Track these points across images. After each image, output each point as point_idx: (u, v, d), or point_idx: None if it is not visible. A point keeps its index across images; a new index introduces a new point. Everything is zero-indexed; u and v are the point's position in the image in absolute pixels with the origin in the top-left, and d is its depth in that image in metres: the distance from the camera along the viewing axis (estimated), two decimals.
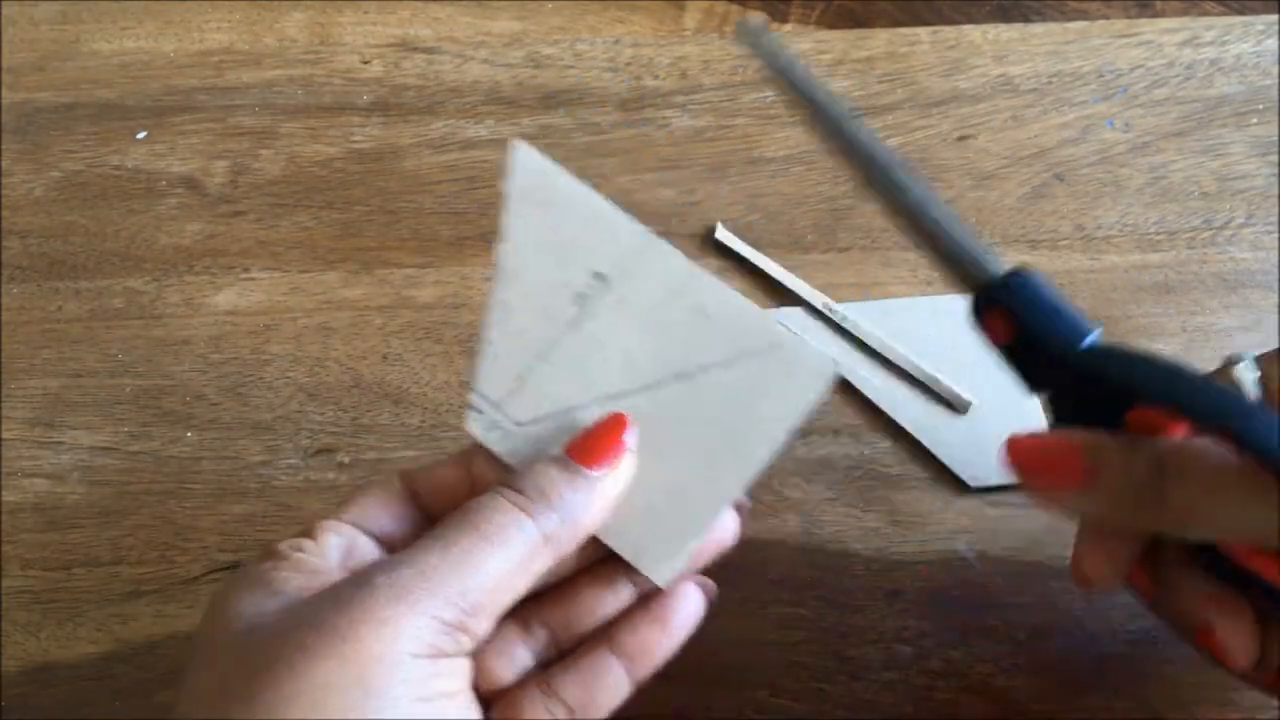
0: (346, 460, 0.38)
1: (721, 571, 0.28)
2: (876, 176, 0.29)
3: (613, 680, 0.28)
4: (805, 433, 0.39)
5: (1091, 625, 0.35)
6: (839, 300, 0.41)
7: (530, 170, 0.28)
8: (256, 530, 0.37)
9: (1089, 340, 0.26)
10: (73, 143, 0.46)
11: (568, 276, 0.27)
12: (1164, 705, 0.33)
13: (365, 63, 0.48)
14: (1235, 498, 0.23)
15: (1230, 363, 0.29)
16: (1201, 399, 0.24)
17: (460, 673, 0.24)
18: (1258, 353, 0.29)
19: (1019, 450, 0.26)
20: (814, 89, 0.29)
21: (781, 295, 0.42)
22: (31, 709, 0.34)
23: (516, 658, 0.28)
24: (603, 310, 0.27)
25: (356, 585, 0.23)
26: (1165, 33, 0.48)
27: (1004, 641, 0.34)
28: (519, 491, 0.25)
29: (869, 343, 0.40)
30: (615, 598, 0.29)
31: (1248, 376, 0.28)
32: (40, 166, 0.46)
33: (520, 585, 0.25)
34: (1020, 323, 0.27)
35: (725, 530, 0.29)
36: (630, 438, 0.27)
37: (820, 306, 0.41)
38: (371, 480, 0.28)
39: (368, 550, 0.27)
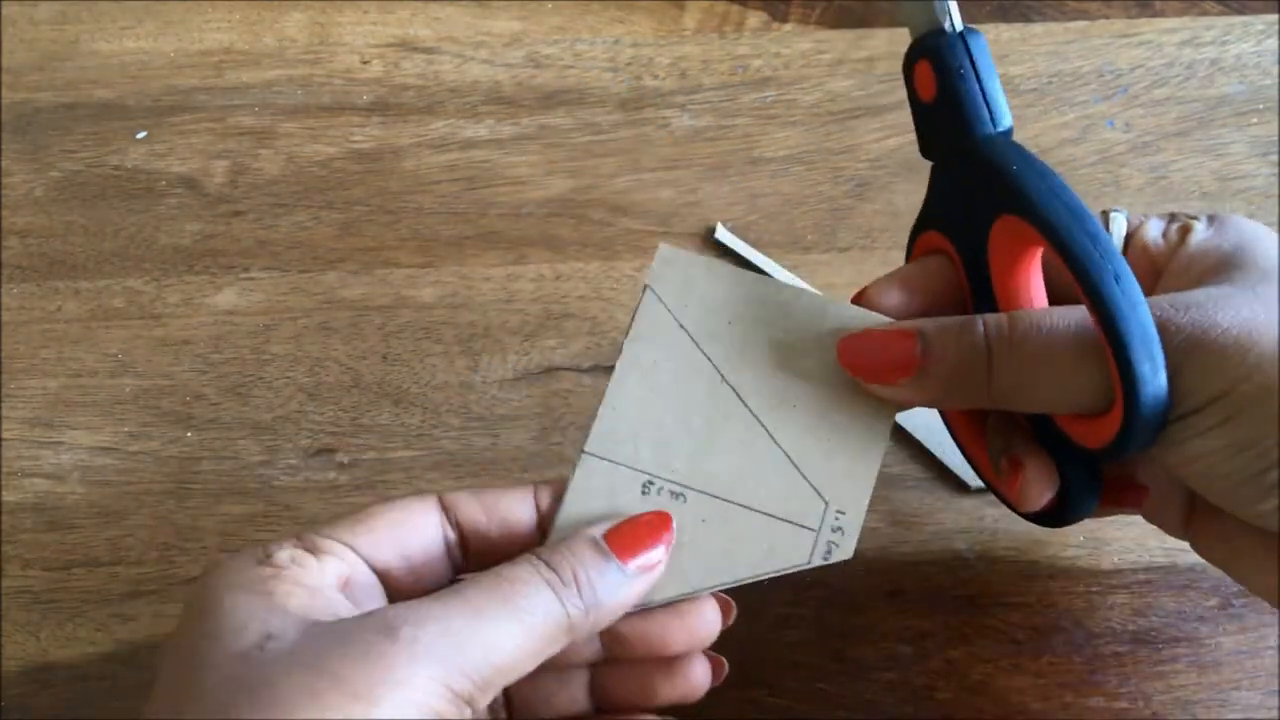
0: (346, 460, 0.38)
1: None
2: None
3: None
4: None
5: (1091, 625, 0.35)
6: (839, 300, 0.41)
7: (653, 314, 0.29)
8: (256, 530, 0.37)
9: (1000, 128, 0.26)
10: (72, 143, 0.46)
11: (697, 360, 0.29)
12: (1164, 705, 0.33)
13: (365, 63, 0.48)
14: (1057, 374, 0.24)
15: (1105, 212, 0.30)
16: (1067, 226, 0.24)
17: None
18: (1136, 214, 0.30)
19: (850, 348, 0.27)
20: None
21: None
22: (31, 709, 0.34)
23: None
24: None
25: (376, 631, 0.22)
26: (1165, 33, 0.48)
27: (1004, 641, 0.35)
28: (552, 569, 0.25)
29: None
30: (569, 697, 0.28)
31: (1116, 227, 0.29)
32: (40, 166, 0.46)
33: (531, 666, 0.24)
34: (943, 83, 0.27)
35: (709, 616, 0.28)
36: (670, 541, 0.27)
37: None
38: (395, 499, 0.27)
39: (368, 584, 0.26)
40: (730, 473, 0.28)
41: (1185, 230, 0.28)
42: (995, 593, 0.35)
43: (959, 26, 0.27)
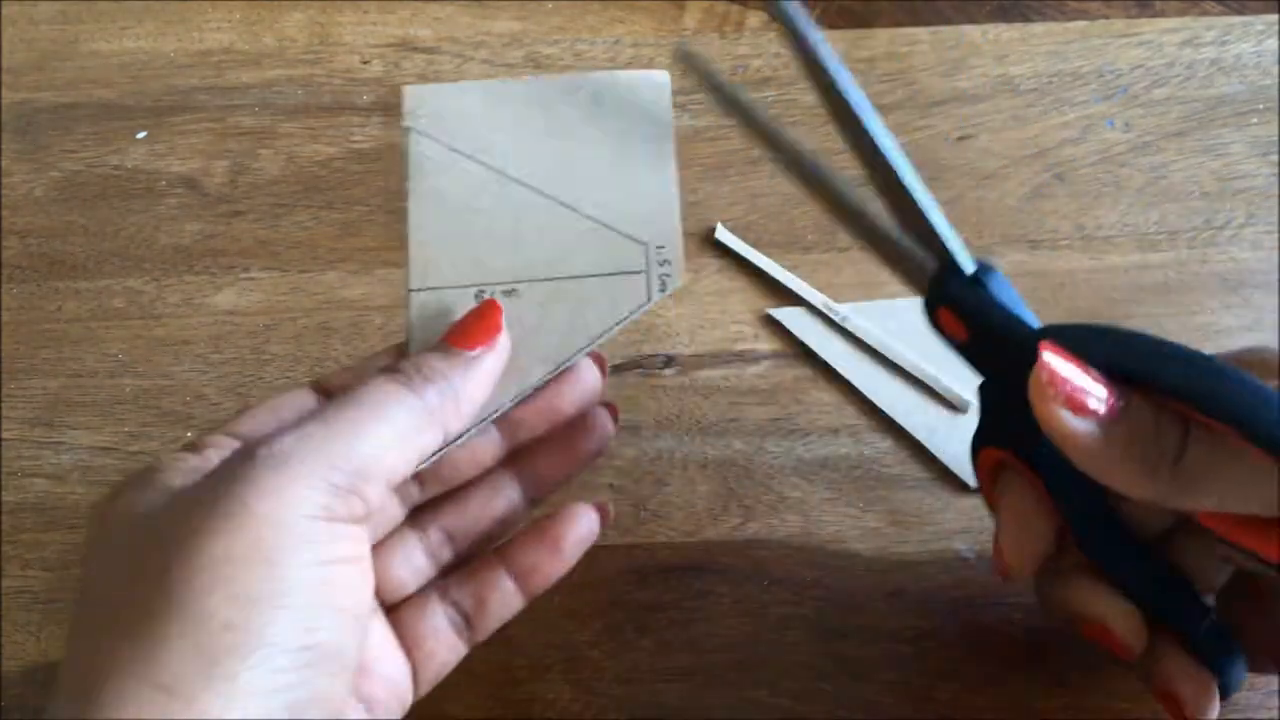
0: None
1: (721, 571, 0.28)
2: (818, 177, 0.29)
3: (505, 594, 0.29)
4: (805, 432, 0.39)
5: None
6: (839, 300, 0.41)
7: (421, 149, 0.31)
8: None
9: (1038, 327, 0.26)
10: (73, 143, 0.46)
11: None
12: None
13: (365, 63, 0.48)
14: (1247, 470, 0.23)
15: None
16: (1193, 376, 0.22)
17: (358, 539, 0.24)
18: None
19: (1053, 362, 0.24)
20: (745, 100, 0.29)
21: (781, 295, 0.42)
22: (31, 709, 0.34)
23: (414, 561, 0.29)
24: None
25: (235, 461, 0.23)
26: (1165, 33, 0.48)
27: (1004, 641, 0.34)
28: (398, 371, 0.26)
29: (869, 342, 0.40)
30: (504, 498, 0.30)
31: None
32: (40, 166, 0.46)
33: (409, 456, 0.25)
34: (974, 325, 0.26)
35: (586, 375, 0.30)
36: (500, 318, 0.28)
37: (820, 306, 0.41)
38: (273, 394, 0.29)
39: None
40: (549, 255, 0.29)
41: None
42: (995, 593, 0.35)
43: (971, 267, 0.27)
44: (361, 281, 0.42)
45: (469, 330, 0.27)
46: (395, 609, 0.29)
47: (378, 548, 0.28)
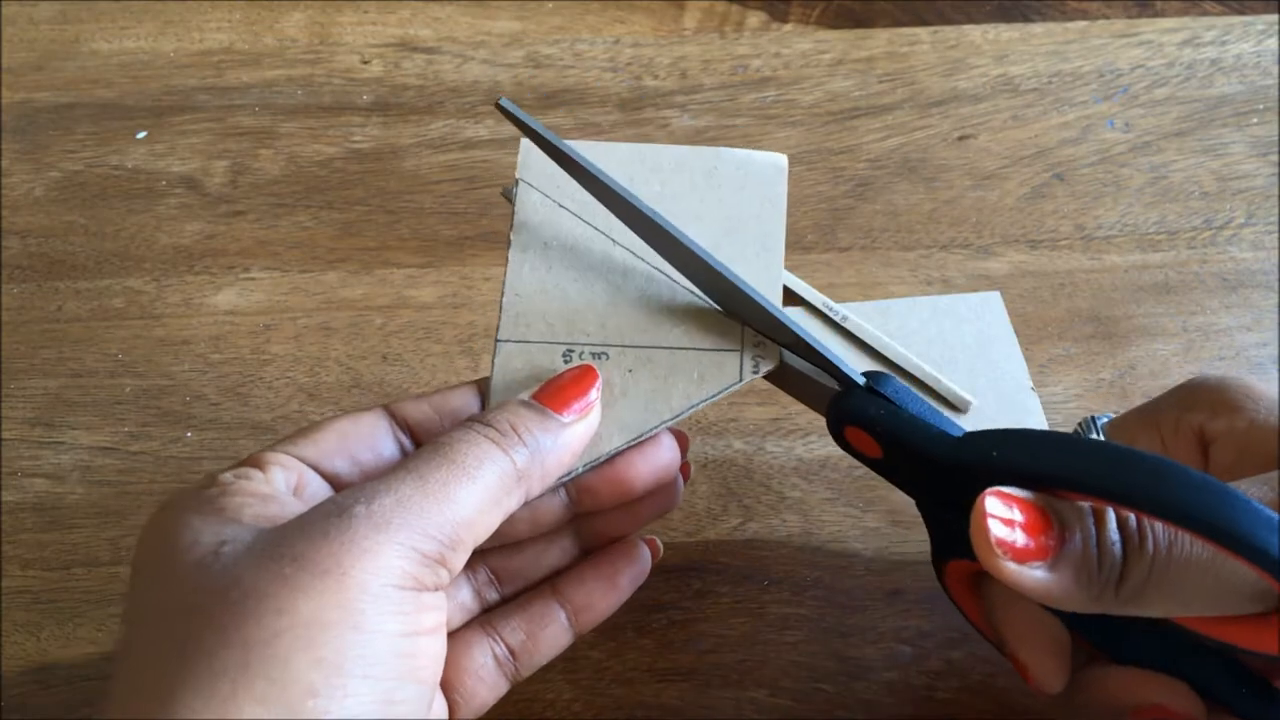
0: None
1: (721, 571, 0.28)
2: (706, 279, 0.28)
3: (556, 629, 0.28)
4: (805, 433, 0.39)
5: None
6: (839, 300, 0.41)
7: (529, 201, 0.31)
8: None
9: (956, 434, 0.25)
10: (73, 143, 0.46)
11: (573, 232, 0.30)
12: None
13: (365, 63, 0.48)
14: (1199, 571, 0.22)
15: (1082, 426, 0.28)
16: (1122, 480, 0.22)
17: (439, 607, 0.23)
18: (1107, 416, 0.29)
19: (998, 515, 0.23)
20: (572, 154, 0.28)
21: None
22: (31, 709, 0.34)
23: (460, 597, 0.28)
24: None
25: (332, 514, 0.22)
26: (1165, 33, 0.48)
27: None
28: (490, 424, 0.25)
29: (869, 342, 0.40)
30: (560, 550, 0.29)
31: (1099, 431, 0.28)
32: (40, 166, 0.46)
33: (493, 521, 0.24)
34: (885, 438, 0.26)
35: (665, 453, 0.28)
36: (597, 386, 0.27)
37: (820, 306, 0.41)
38: (339, 414, 0.28)
39: (319, 490, 0.26)
40: (643, 322, 0.29)
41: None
42: None
43: (861, 380, 0.27)
44: (361, 281, 0.42)
45: (564, 393, 0.26)
46: None
47: None
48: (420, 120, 0.47)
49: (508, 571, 0.29)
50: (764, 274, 0.29)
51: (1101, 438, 0.28)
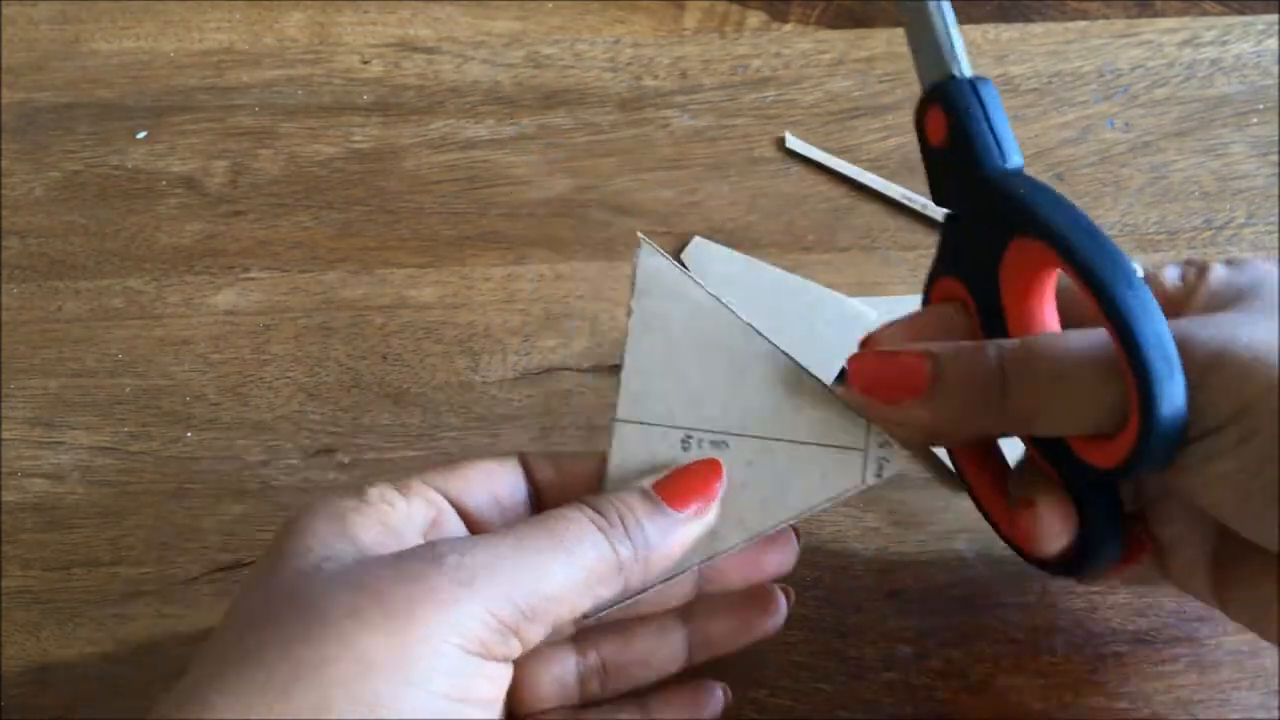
0: (346, 460, 0.38)
1: None
2: None
3: None
4: None
5: (1091, 625, 0.35)
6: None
7: (652, 270, 0.28)
8: (256, 530, 0.37)
9: (1010, 166, 0.26)
10: (73, 143, 0.46)
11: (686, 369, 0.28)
12: (1164, 705, 0.33)
13: (365, 63, 0.48)
14: (1073, 391, 0.24)
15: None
16: (1080, 240, 0.23)
17: (500, 679, 0.23)
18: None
19: (860, 368, 0.26)
20: None
21: (858, 191, 0.43)
22: (31, 709, 0.34)
23: (564, 679, 0.28)
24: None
25: (424, 559, 0.22)
26: (1165, 33, 0.48)
27: (1004, 641, 0.34)
28: (599, 512, 0.25)
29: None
30: (670, 646, 0.29)
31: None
32: (40, 166, 0.46)
33: (582, 604, 0.24)
34: (954, 125, 0.27)
35: (785, 559, 0.29)
36: (721, 486, 0.27)
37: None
38: (483, 455, 0.28)
39: (455, 527, 0.26)
40: (767, 411, 0.27)
41: (1203, 270, 0.27)
42: (995, 593, 0.35)
43: (969, 73, 0.27)
44: (361, 281, 0.42)
45: (684, 489, 0.26)
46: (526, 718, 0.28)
47: (535, 651, 0.25)
48: (420, 120, 0.47)
49: (616, 665, 0.29)
50: None
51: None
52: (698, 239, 0.42)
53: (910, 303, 0.41)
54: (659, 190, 0.44)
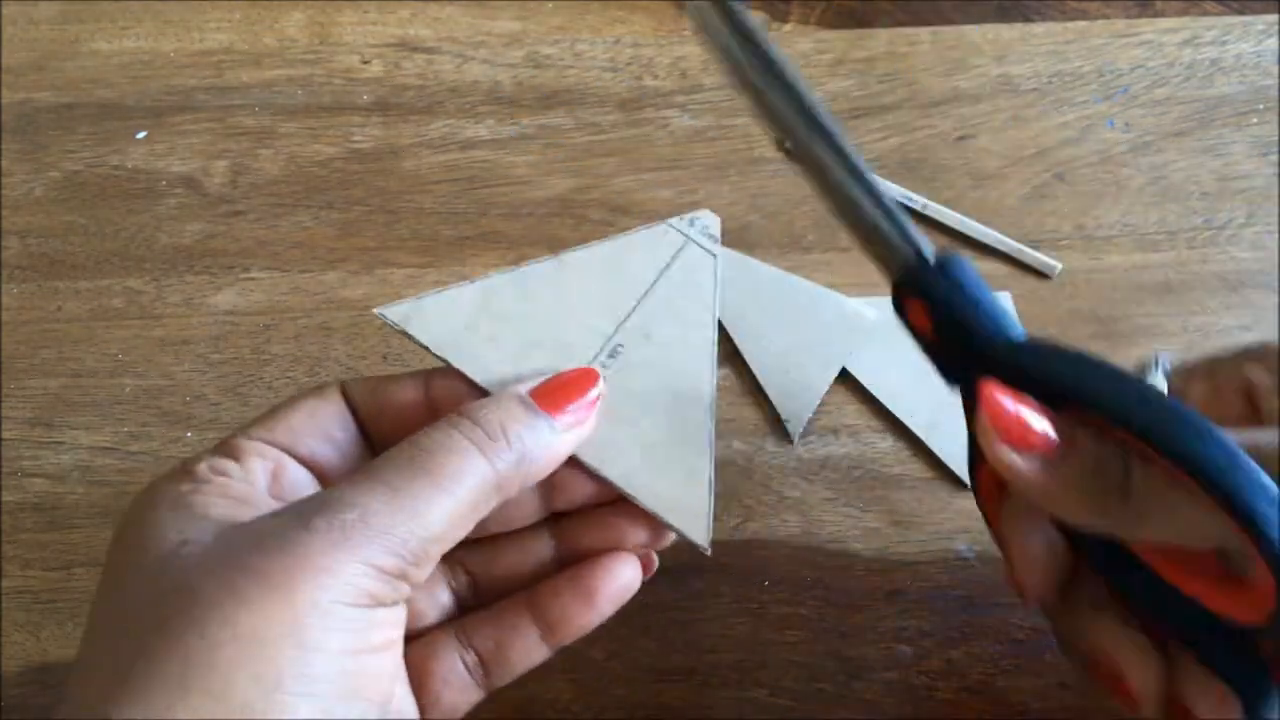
0: None
1: (721, 571, 0.28)
2: (811, 147, 0.26)
3: (528, 643, 0.27)
4: (805, 433, 0.39)
5: None
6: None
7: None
8: None
9: (1017, 334, 0.25)
10: (73, 143, 0.46)
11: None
12: None
13: (365, 63, 0.48)
14: (1195, 507, 0.22)
15: (1142, 365, 0.28)
16: (1149, 411, 0.22)
17: (395, 622, 0.23)
18: (1168, 354, 0.28)
19: (995, 401, 0.24)
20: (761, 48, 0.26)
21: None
22: (31, 709, 0.34)
23: (437, 595, 0.27)
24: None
25: (292, 526, 0.21)
26: (1165, 32, 0.48)
27: (1004, 641, 0.34)
28: (476, 424, 0.24)
29: (953, 225, 0.40)
30: (536, 555, 0.28)
31: (1159, 373, 0.28)
32: (40, 166, 0.46)
33: (465, 531, 0.23)
34: (941, 317, 0.25)
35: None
36: (596, 391, 0.26)
37: (900, 196, 0.41)
38: (302, 393, 0.27)
39: (297, 476, 0.26)
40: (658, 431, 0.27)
41: None
42: (995, 593, 0.35)
43: (933, 257, 0.26)
44: (361, 281, 0.42)
45: (563, 395, 0.25)
46: (410, 640, 0.26)
47: None
48: (420, 120, 0.47)
49: (486, 576, 0.28)
50: None
51: (1163, 376, 0.28)
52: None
53: None
54: (659, 190, 0.44)
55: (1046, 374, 0.24)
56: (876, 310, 0.41)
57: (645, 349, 0.28)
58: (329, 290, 0.42)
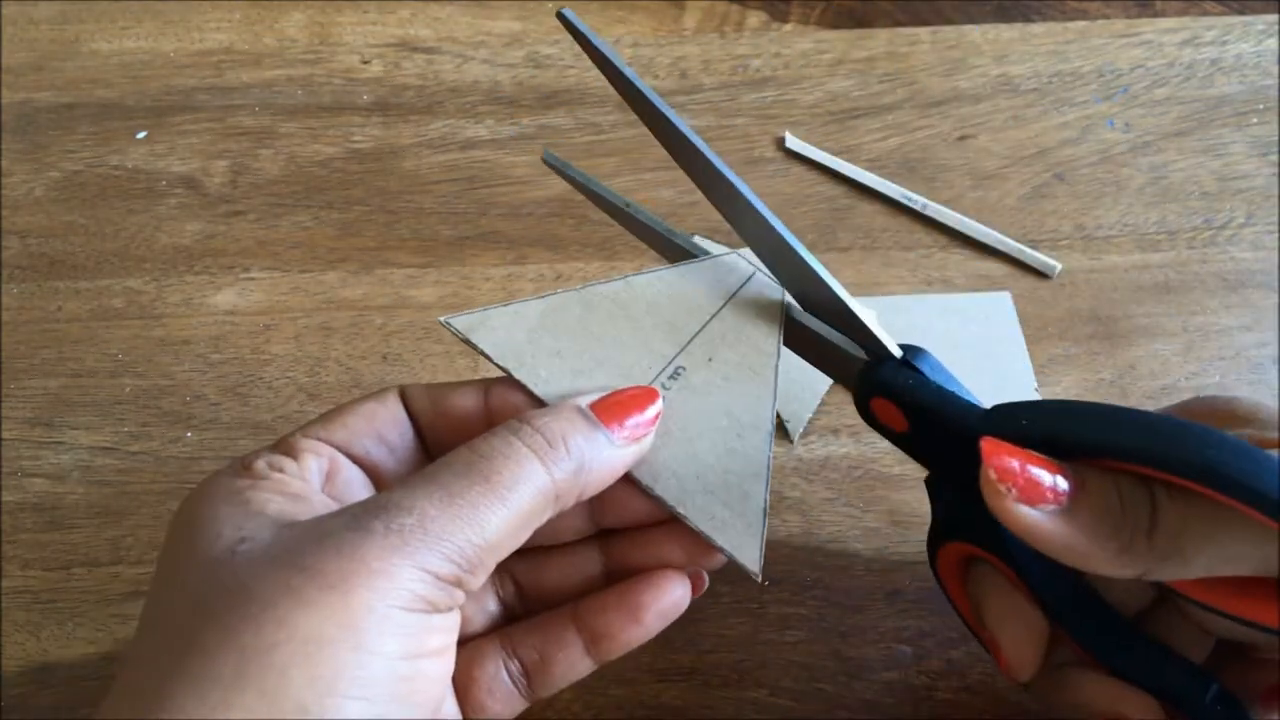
0: None
1: (721, 571, 0.28)
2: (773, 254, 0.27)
3: (572, 654, 0.27)
4: (805, 433, 0.39)
5: None
6: None
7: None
8: None
9: (983, 407, 0.25)
10: (73, 143, 0.46)
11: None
12: None
13: (365, 63, 0.48)
14: (1232, 527, 0.21)
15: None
16: (1158, 439, 0.21)
17: (448, 629, 0.23)
18: None
19: (999, 456, 0.22)
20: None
21: (858, 191, 0.43)
22: (31, 709, 0.34)
23: (487, 605, 0.28)
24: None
25: (350, 528, 0.21)
26: (1165, 32, 0.48)
27: None
28: (537, 431, 0.24)
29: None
30: (582, 569, 0.28)
31: None
32: (40, 166, 0.46)
33: (520, 540, 0.23)
34: (914, 413, 0.25)
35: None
36: (656, 409, 0.26)
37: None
38: (363, 396, 0.28)
39: (351, 476, 0.26)
40: (713, 462, 0.28)
41: None
42: None
43: (898, 352, 0.26)
44: (361, 281, 0.42)
45: (619, 410, 0.25)
46: (456, 647, 0.26)
47: None
48: (420, 120, 0.47)
49: (533, 586, 0.28)
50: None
51: None
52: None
53: (910, 302, 0.41)
54: (659, 190, 0.44)
55: (1046, 430, 0.23)
56: (876, 310, 0.41)
57: (706, 372, 0.28)
58: (329, 290, 0.42)
